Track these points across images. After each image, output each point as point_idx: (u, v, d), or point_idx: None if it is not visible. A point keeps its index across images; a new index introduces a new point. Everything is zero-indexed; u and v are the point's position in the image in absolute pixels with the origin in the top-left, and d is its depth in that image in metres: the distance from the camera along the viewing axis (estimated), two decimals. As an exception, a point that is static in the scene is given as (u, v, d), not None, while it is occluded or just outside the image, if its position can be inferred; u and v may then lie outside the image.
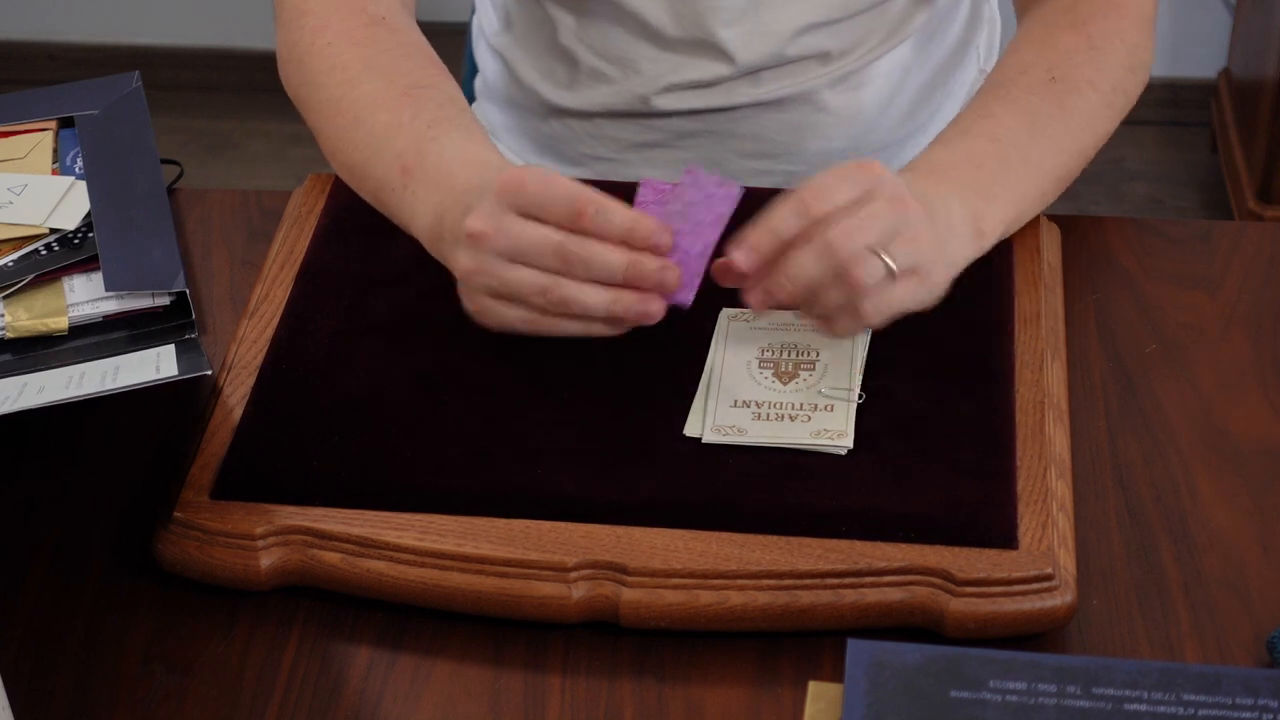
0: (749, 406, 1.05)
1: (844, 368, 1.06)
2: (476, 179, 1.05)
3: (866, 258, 0.99)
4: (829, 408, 1.04)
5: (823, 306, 1.02)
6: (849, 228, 0.99)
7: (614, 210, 1.00)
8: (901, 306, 1.03)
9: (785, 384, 1.06)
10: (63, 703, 0.96)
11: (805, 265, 1.00)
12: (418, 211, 1.09)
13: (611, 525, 0.99)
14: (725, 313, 1.10)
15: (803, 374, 1.06)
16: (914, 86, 1.38)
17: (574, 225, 1.00)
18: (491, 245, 1.01)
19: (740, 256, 1.01)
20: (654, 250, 1.01)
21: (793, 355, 1.07)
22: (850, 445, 1.03)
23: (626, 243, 1.00)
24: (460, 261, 1.03)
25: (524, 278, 1.01)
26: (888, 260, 1.00)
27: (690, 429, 1.04)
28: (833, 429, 1.03)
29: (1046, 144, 1.14)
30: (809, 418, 1.04)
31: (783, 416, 1.04)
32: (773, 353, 1.08)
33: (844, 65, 1.33)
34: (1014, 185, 1.12)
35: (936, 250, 1.03)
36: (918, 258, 1.02)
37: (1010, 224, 1.13)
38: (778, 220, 1.01)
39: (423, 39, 1.20)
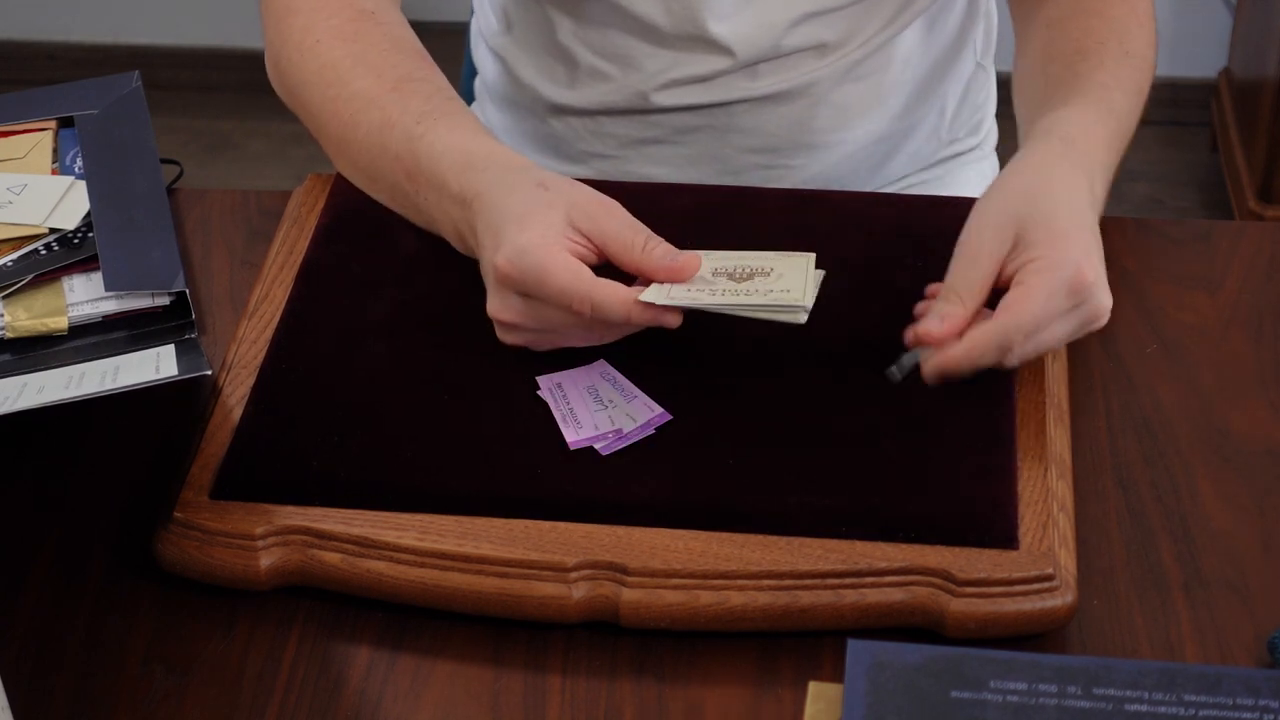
0: (704, 286, 1.04)
1: (799, 276, 1.05)
2: (468, 184, 1.06)
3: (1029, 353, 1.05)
4: (786, 290, 1.03)
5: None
6: (1031, 350, 1.04)
7: (610, 306, 1.02)
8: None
9: (740, 283, 1.05)
10: (63, 703, 0.96)
11: (986, 357, 1.04)
12: (436, 219, 1.10)
13: (611, 525, 0.99)
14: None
15: (758, 279, 1.05)
16: (912, 80, 1.38)
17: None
18: (524, 328, 1.06)
19: (933, 376, 1.05)
20: (664, 325, 1.04)
21: (747, 268, 1.06)
22: (807, 308, 1.02)
23: (634, 326, 1.04)
24: (498, 314, 1.06)
25: (560, 339, 1.07)
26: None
27: (647, 296, 1.02)
28: (790, 289, 1.03)
29: (1133, 121, 1.19)
30: (769, 291, 1.03)
31: (739, 292, 1.03)
32: (726, 265, 1.06)
33: (841, 57, 1.33)
34: (1113, 157, 1.16)
35: (1109, 301, 1.05)
36: (1090, 324, 1.06)
37: (1101, 198, 1.15)
38: (978, 356, 1.04)
39: (410, 31, 1.20)
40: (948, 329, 1.04)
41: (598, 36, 1.33)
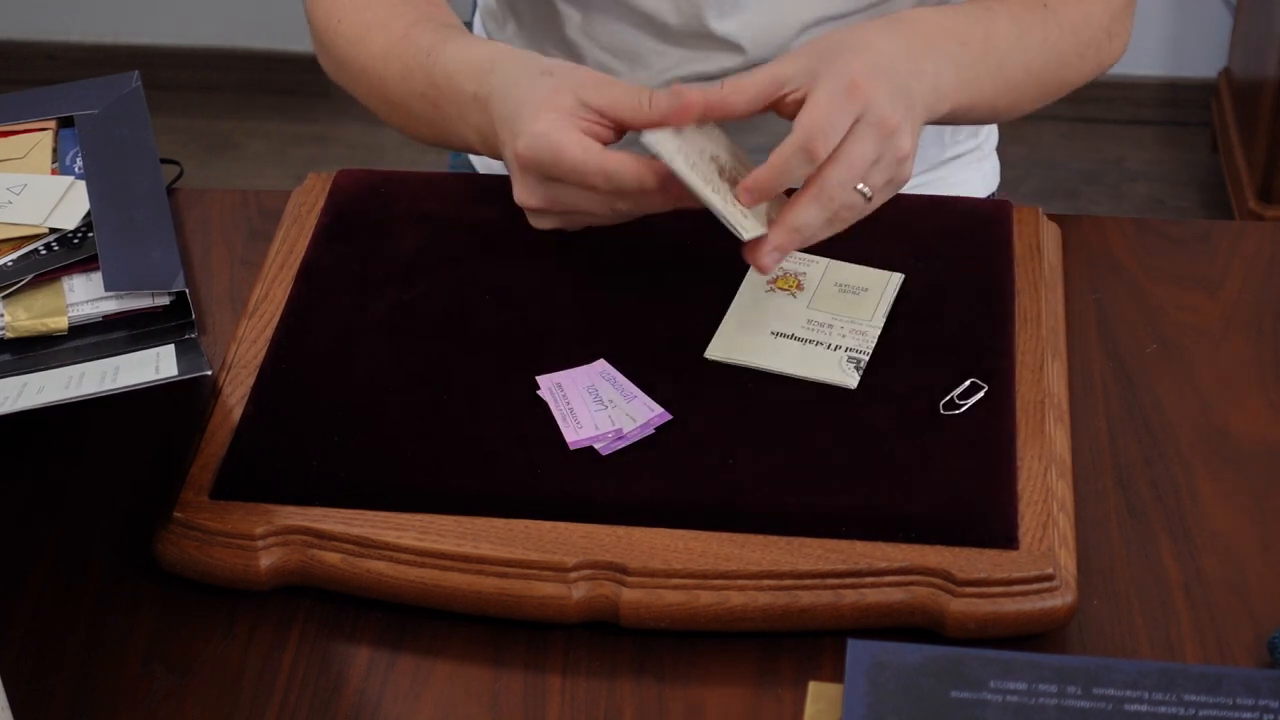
0: (699, 159, 1.07)
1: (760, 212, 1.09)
2: (481, 88, 1.13)
3: (853, 195, 1.06)
4: (744, 215, 1.07)
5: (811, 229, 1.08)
6: (844, 177, 1.06)
7: (624, 174, 1.06)
8: (871, 210, 1.09)
9: (723, 182, 1.08)
10: (63, 703, 0.96)
11: (811, 217, 1.06)
12: (466, 136, 1.16)
13: (611, 525, 0.99)
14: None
15: (735, 190, 1.08)
16: None
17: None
18: (550, 212, 1.10)
19: (745, 196, 1.06)
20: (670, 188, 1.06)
21: (738, 174, 1.10)
22: (744, 239, 1.05)
23: (645, 191, 1.07)
24: (524, 200, 1.11)
25: (587, 218, 1.11)
26: (865, 190, 1.07)
27: (648, 136, 1.06)
28: (748, 216, 1.06)
29: (1023, 59, 1.20)
30: (734, 205, 1.06)
31: (715, 188, 1.07)
32: (730, 159, 1.11)
33: None
34: (983, 79, 1.16)
35: (910, 144, 1.08)
36: (894, 173, 1.08)
37: (961, 109, 1.16)
38: (784, 168, 1.05)
39: None
40: (689, 99, 1.07)
41: (605, 32, 1.34)
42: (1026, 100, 1.23)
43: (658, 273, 1.15)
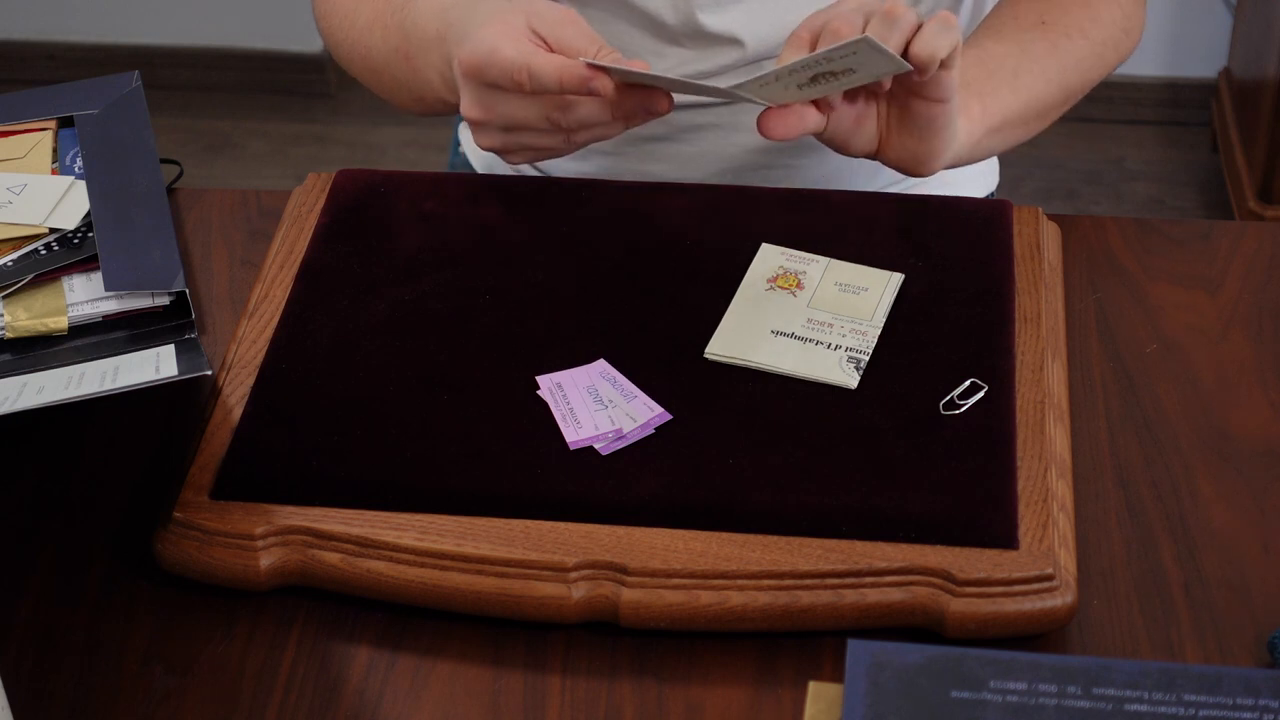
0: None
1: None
2: (443, 21, 1.14)
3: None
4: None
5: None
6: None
7: (544, 70, 1.07)
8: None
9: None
10: (63, 703, 0.96)
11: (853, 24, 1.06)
12: (431, 80, 1.18)
13: (611, 525, 0.99)
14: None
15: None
16: None
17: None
18: (490, 124, 1.12)
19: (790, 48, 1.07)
20: (595, 89, 1.07)
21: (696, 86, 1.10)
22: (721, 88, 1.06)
23: (567, 90, 1.08)
24: (465, 111, 1.12)
25: (526, 137, 1.12)
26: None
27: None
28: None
29: (1034, 69, 1.20)
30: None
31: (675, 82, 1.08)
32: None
33: None
34: (999, 95, 1.17)
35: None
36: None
37: (993, 131, 1.17)
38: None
39: None
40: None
41: (605, 32, 1.33)
42: (1060, 105, 1.23)
43: (658, 273, 1.15)
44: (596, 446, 1.03)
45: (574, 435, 1.04)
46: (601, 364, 1.08)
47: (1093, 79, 1.25)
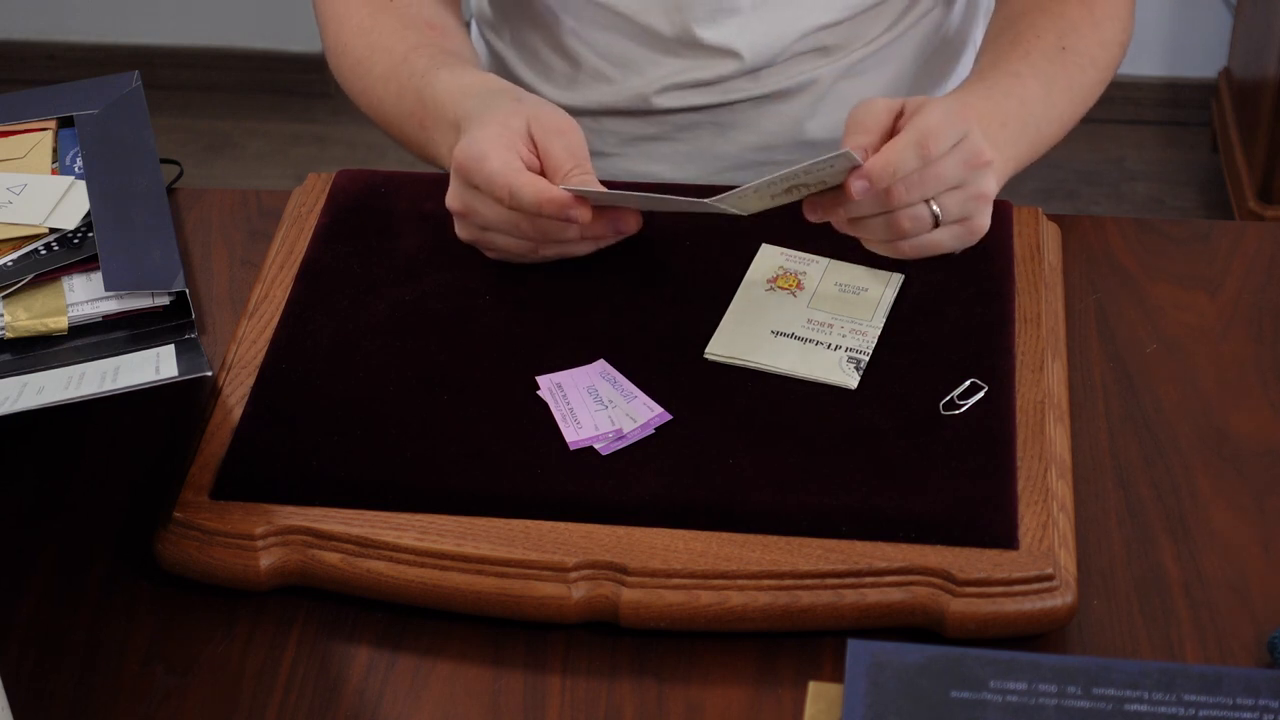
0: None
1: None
2: (460, 109, 1.15)
3: (922, 207, 1.08)
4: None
5: (869, 231, 1.10)
6: (921, 185, 1.07)
7: (524, 191, 1.08)
8: (939, 249, 1.11)
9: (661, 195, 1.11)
10: (63, 703, 0.96)
11: (905, 156, 1.06)
12: (441, 155, 1.19)
13: (611, 525, 0.99)
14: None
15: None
16: (910, 75, 1.38)
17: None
18: (469, 220, 1.13)
19: (858, 187, 1.06)
20: (572, 218, 1.09)
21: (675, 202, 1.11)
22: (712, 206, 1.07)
23: (544, 215, 1.09)
24: (449, 202, 1.13)
25: (498, 238, 1.13)
26: (935, 210, 1.08)
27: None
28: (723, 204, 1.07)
29: (1054, 113, 1.21)
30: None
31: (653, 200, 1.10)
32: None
33: (844, 57, 1.34)
34: (1021, 147, 1.18)
35: (992, 188, 1.11)
36: (969, 210, 1.10)
37: (1002, 178, 1.17)
38: (898, 159, 1.06)
39: (432, 6, 1.28)
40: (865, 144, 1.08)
41: (601, 40, 1.34)
42: (1061, 136, 1.24)
43: (658, 273, 1.15)
44: (596, 447, 1.03)
45: (574, 435, 1.04)
46: (601, 364, 1.08)
47: (1091, 104, 1.26)
